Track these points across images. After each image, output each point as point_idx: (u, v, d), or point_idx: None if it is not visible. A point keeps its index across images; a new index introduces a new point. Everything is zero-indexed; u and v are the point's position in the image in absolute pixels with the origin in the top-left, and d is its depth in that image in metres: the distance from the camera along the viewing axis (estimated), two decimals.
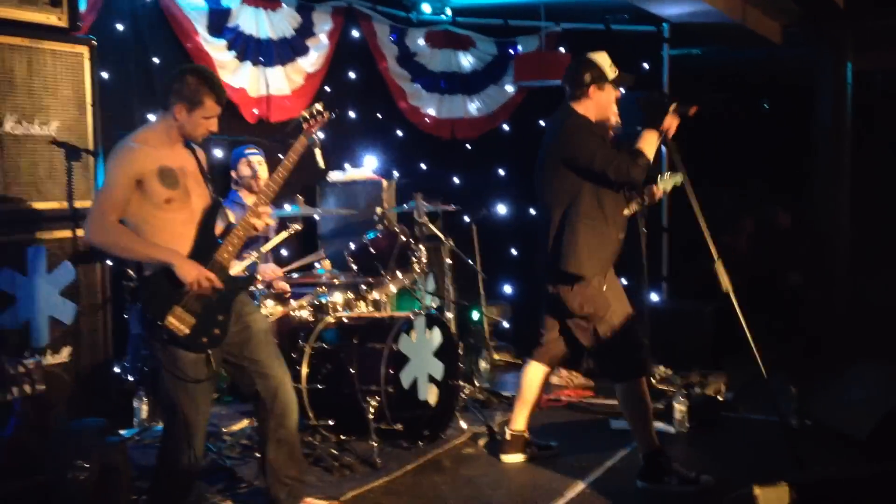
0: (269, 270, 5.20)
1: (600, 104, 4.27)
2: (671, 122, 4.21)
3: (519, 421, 4.63)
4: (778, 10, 7.55)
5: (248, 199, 5.30)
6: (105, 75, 4.94)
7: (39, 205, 4.24)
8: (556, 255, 4.22)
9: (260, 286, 4.87)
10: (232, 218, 3.81)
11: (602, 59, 4.28)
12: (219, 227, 3.60)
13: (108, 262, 4.57)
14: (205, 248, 3.48)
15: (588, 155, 4.13)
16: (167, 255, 3.35)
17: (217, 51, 5.80)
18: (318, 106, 3.69)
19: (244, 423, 4.78)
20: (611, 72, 4.26)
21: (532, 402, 4.62)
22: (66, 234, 4.33)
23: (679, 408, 5.05)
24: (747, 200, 8.40)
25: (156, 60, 5.56)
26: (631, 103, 4.35)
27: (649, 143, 4.19)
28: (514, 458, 4.61)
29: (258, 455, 4.31)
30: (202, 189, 3.56)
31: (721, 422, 5.23)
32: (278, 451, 3.63)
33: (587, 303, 4.22)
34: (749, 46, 7.93)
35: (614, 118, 4.33)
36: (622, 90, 4.33)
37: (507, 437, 4.65)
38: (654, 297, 7.23)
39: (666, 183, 4.50)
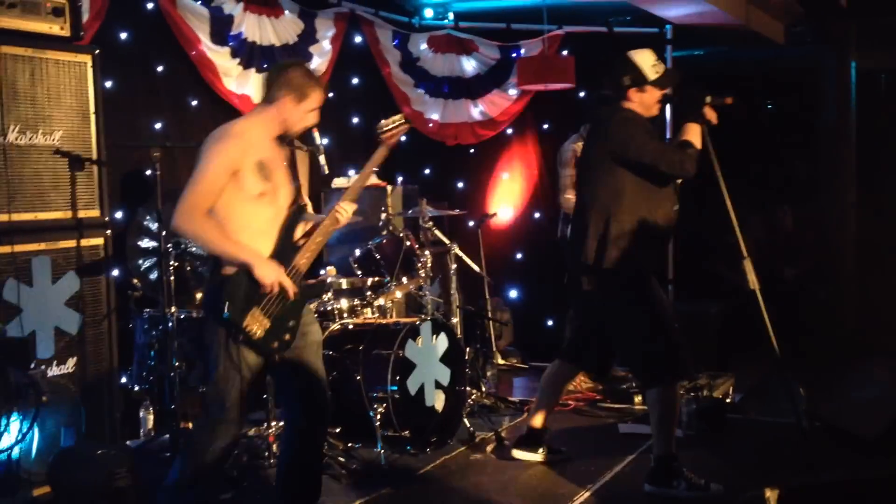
0: None
1: (643, 105, 4.19)
2: (711, 115, 4.17)
3: (538, 418, 4.62)
4: (780, 10, 7.53)
5: None
6: (108, 84, 4.94)
7: (44, 215, 4.23)
8: (596, 252, 4.12)
9: None
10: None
11: (643, 58, 4.16)
12: (299, 231, 3.60)
13: (114, 273, 4.56)
14: (286, 249, 3.48)
15: (638, 148, 4.04)
16: (249, 255, 3.34)
17: (221, 58, 5.80)
18: (397, 116, 3.74)
19: (251, 431, 4.78)
20: (652, 73, 4.15)
21: (554, 402, 4.61)
22: (71, 243, 4.32)
23: (686, 410, 5.02)
24: (754, 202, 8.37)
25: (159, 69, 5.57)
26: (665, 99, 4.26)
27: (695, 135, 4.11)
28: (526, 455, 4.61)
29: (269, 463, 4.34)
30: (290, 188, 3.55)
31: (729, 424, 5.21)
32: (300, 463, 3.61)
33: (626, 301, 4.14)
34: (752, 47, 7.90)
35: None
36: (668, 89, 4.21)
37: (526, 431, 4.64)
38: None
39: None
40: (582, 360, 4.54)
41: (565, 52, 7.45)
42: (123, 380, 4.77)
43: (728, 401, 5.55)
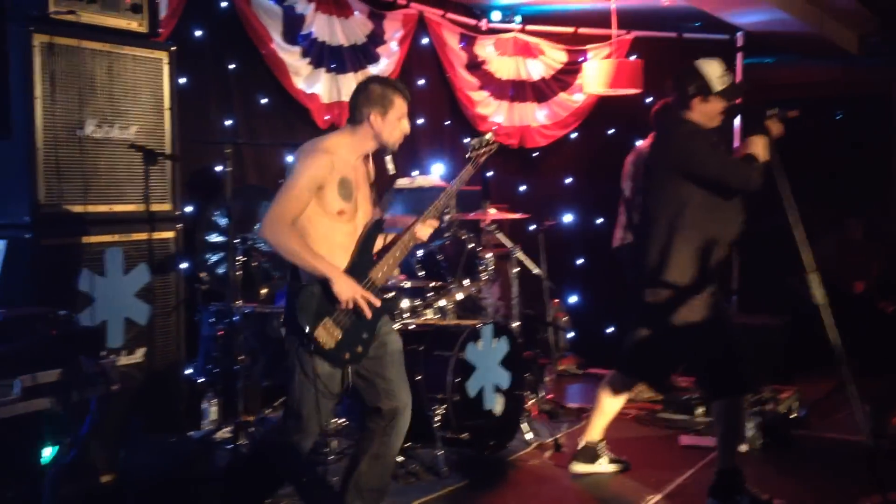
0: None
1: (705, 115, 4.10)
2: (776, 128, 4.08)
3: (594, 431, 4.56)
4: (855, 20, 7.38)
5: None
6: (183, 80, 5.02)
7: (118, 207, 4.33)
8: (660, 264, 4.06)
9: None
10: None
11: (711, 68, 4.09)
12: (379, 244, 3.62)
13: (182, 266, 4.64)
14: (362, 264, 3.50)
15: (702, 162, 3.99)
16: (329, 269, 3.36)
17: (292, 57, 5.87)
18: (488, 136, 3.75)
19: None
20: (718, 83, 4.07)
21: (610, 414, 4.53)
22: (143, 236, 4.41)
23: (751, 425, 4.94)
24: (823, 214, 8.21)
25: (231, 66, 5.65)
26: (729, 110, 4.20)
27: (761, 148, 4.02)
28: (583, 469, 4.55)
29: (328, 459, 4.37)
30: (368, 206, 3.60)
31: (793, 439, 5.11)
32: (372, 465, 3.59)
33: (690, 314, 4.07)
34: (824, 56, 7.76)
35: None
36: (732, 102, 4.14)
37: (580, 445, 4.58)
38: None
39: None
40: (641, 372, 4.48)
41: (633, 57, 7.38)
42: (188, 371, 4.84)
43: (793, 416, 5.44)
